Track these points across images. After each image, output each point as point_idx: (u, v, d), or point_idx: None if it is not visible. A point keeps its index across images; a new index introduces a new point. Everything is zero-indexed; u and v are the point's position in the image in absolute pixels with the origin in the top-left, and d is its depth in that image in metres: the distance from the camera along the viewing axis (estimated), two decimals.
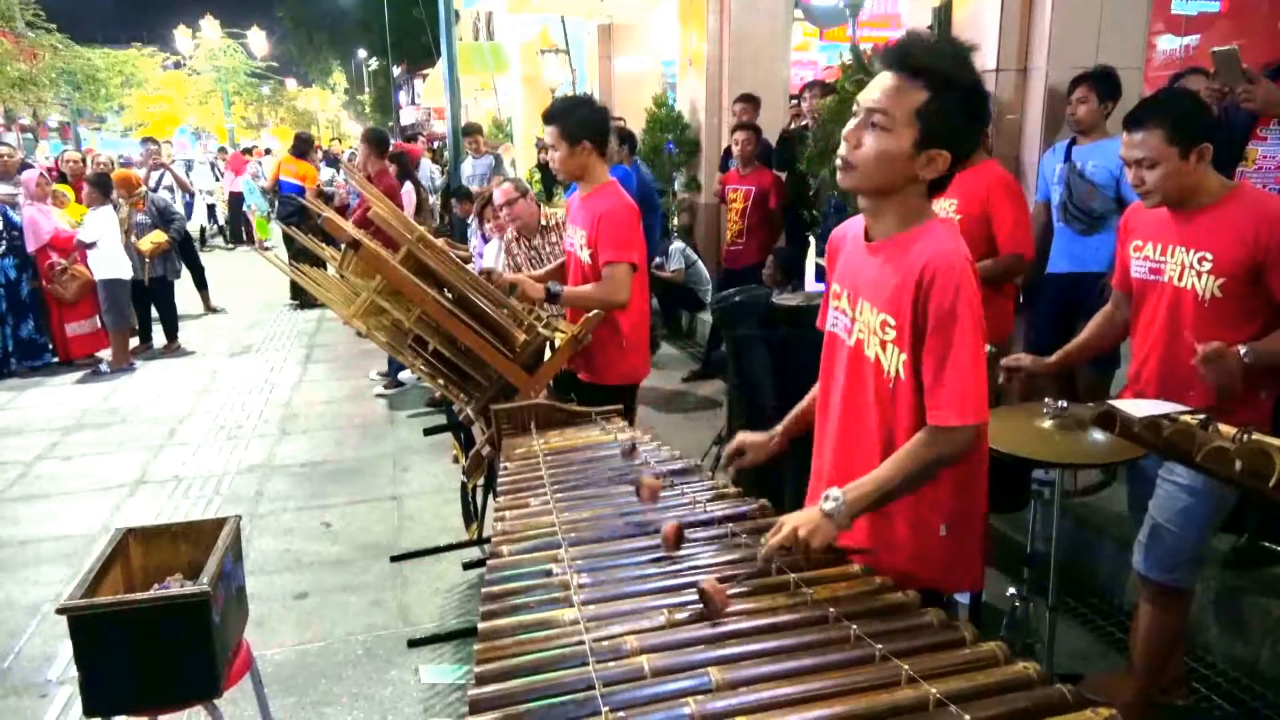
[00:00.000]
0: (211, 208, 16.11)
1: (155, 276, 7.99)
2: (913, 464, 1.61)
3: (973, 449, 1.67)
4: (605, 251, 3.10)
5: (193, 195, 14.07)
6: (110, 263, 7.31)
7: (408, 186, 7.70)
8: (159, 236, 7.93)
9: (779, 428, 2.06)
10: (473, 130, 9.78)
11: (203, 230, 11.65)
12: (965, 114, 1.59)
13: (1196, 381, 2.27)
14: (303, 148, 10.70)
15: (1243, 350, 2.14)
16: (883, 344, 1.67)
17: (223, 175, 16.72)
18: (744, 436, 2.06)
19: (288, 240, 4.24)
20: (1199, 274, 2.30)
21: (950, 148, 1.58)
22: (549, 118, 3.17)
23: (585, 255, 3.19)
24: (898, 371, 1.66)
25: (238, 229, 15.99)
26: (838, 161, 1.66)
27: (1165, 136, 2.24)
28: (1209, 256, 2.28)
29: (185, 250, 9.75)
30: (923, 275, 1.58)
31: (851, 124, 1.62)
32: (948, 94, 1.55)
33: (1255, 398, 2.29)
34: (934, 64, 1.56)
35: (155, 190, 9.66)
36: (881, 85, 1.58)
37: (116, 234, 7.39)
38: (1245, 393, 2.24)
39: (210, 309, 9.97)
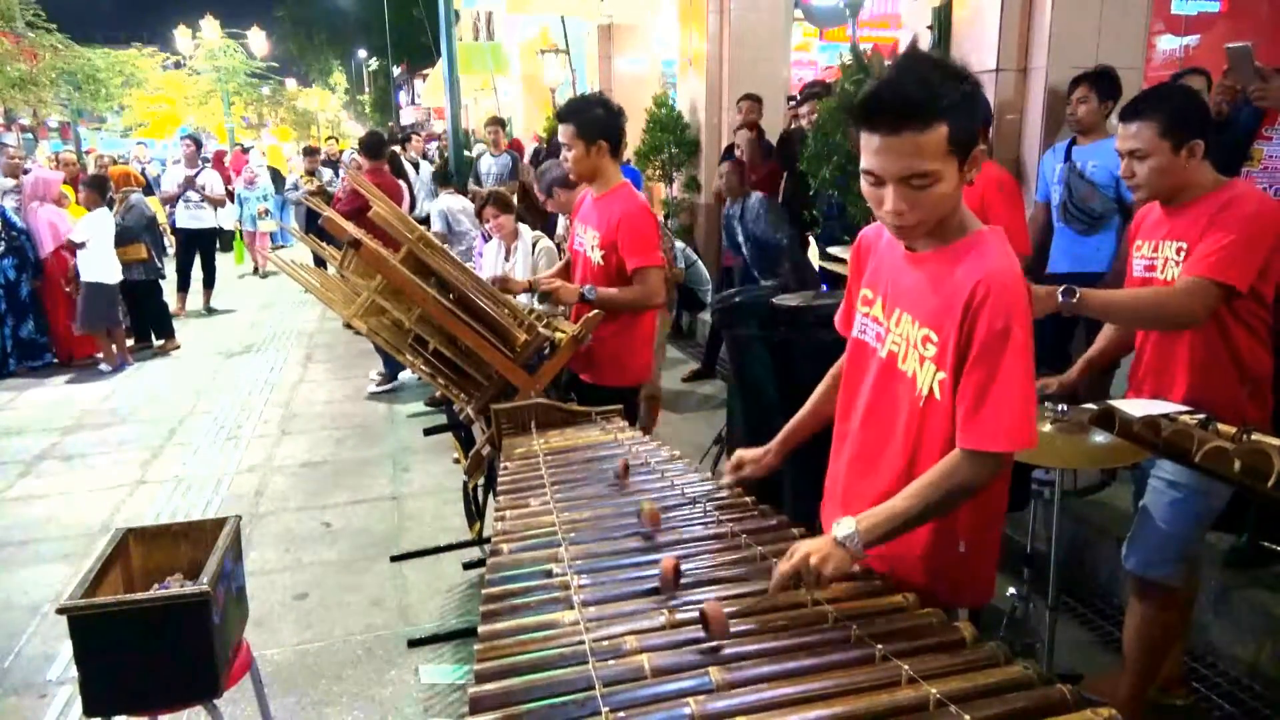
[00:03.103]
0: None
1: (133, 280, 7.97)
2: (935, 493, 1.52)
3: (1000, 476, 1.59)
4: (633, 257, 3.09)
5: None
6: (97, 266, 7.23)
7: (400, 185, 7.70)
8: (140, 252, 7.92)
9: (774, 442, 2.01)
10: (497, 122, 9.64)
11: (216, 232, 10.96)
12: (970, 110, 1.49)
13: (1184, 378, 2.30)
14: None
15: (1061, 290, 2.17)
16: (921, 359, 1.58)
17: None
18: (742, 452, 2.03)
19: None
20: (1175, 265, 2.30)
21: (976, 143, 1.51)
22: (564, 116, 3.16)
23: (596, 255, 3.17)
24: (932, 390, 1.57)
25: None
26: (896, 227, 1.56)
27: (1158, 129, 2.23)
28: (1183, 247, 2.28)
29: (205, 247, 9.76)
30: (974, 295, 1.49)
31: (886, 192, 1.50)
32: (957, 110, 1.46)
33: (1239, 395, 2.29)
34: (933, 99, 1.45)
35: (188, 189, 9.62)
36: (902, 149, 1.46)
37: (109, 237, 7.34)
38: (1232, 392, 2.25)
39: (209, 309, 9.98)
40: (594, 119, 3.11)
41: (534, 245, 4.91)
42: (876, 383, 1.70)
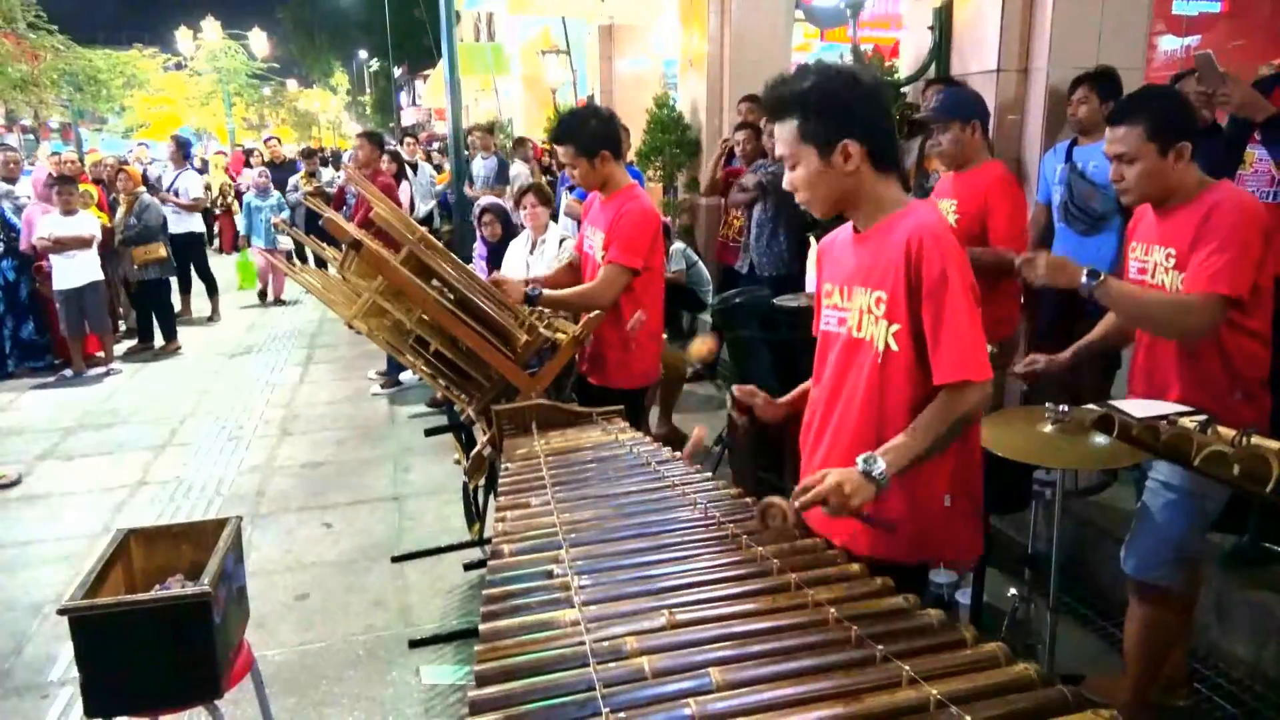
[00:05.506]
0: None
1: (149, 279, 8.00)
2: (939, 425, 1.66)
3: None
4: (611, 250, 3.08)
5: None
6: (70, 271, 7.12)
7: (403, 185, 7.70)
8: (160, 251, 7.93)
9: (785, 398, 2.13)
10: (479, 128, 9.51)
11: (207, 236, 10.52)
12: (835, 111, 1.72)
13: (1175, 380, 2.30)
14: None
15: (1084, 276, 2.20)
16: (876, 320, 1.75)
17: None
18: (760, 391, 2.12)
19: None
20: (1166, 270, 2.31)
21: (849, 136, 1.71)
22: (560, 139, 3.14)
23: (601, 257, 3.16)
24: (888, 344, 1.73)
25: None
26: (803, 206, 1.83)
27: (1145, 133, 2.24)
28: (1172, 253, 2.29)
29: (198, 262, 9.68)
30: (909, 246, 1.68)
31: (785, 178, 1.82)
32: (809, 111, 1.73)
33: (1230, 400, 2.28)
34: (784, 96, 1.77)
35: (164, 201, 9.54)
36: (778, 137, 1.79)
37: (80, 243, 7.18)
38: (1223, 397, 2.25)
39: (215, 312, 9.96)
40: (591, 133, 3.08)
41: (560, 243, 4.96)
42: (840, 360, 1.85)
